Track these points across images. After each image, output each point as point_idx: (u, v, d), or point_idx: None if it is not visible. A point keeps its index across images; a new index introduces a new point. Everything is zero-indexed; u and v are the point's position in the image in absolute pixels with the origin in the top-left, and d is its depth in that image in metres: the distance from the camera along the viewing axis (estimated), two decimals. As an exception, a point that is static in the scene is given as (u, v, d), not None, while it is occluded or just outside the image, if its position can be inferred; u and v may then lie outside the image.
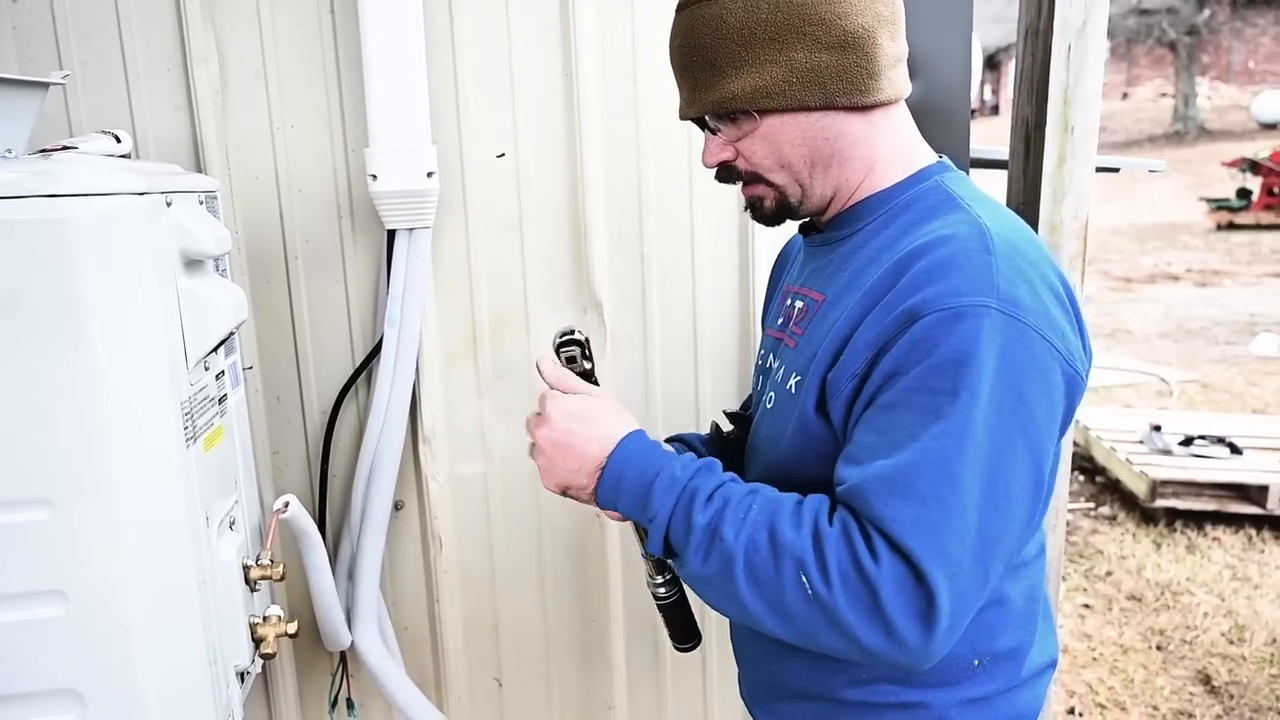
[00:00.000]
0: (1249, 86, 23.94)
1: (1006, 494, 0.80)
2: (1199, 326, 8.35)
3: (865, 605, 0.78)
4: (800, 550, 0.81)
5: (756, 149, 0.93)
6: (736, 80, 0.89)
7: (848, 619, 0.78)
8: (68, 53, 1.44)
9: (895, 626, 0.77)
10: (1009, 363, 0.79)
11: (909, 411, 0.80)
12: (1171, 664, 3.05)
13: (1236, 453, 4.33)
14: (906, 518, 0.78)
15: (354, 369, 1.59)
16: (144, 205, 0.96)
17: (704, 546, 0.85)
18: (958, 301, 0.80)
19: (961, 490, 0.78)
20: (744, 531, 0.84)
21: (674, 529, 0.88)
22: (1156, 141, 22.21)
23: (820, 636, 0.81)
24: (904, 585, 0.77)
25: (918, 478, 0.78)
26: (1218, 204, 15.22)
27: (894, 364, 0.82)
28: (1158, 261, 12.36)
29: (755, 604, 0.83)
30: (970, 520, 0.78)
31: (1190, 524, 4.08)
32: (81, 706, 0.97)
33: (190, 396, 1.03)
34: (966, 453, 0.78)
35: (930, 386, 0.79)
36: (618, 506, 0.93)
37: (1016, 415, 0.80)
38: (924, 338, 0.80)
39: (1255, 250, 12.81)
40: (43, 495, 0.92)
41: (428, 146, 1.47)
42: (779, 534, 0.82)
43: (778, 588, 0.81)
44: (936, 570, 0.77)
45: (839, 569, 0.79)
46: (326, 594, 1.46)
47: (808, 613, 0.80)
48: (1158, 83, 25.12)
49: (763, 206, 0.98)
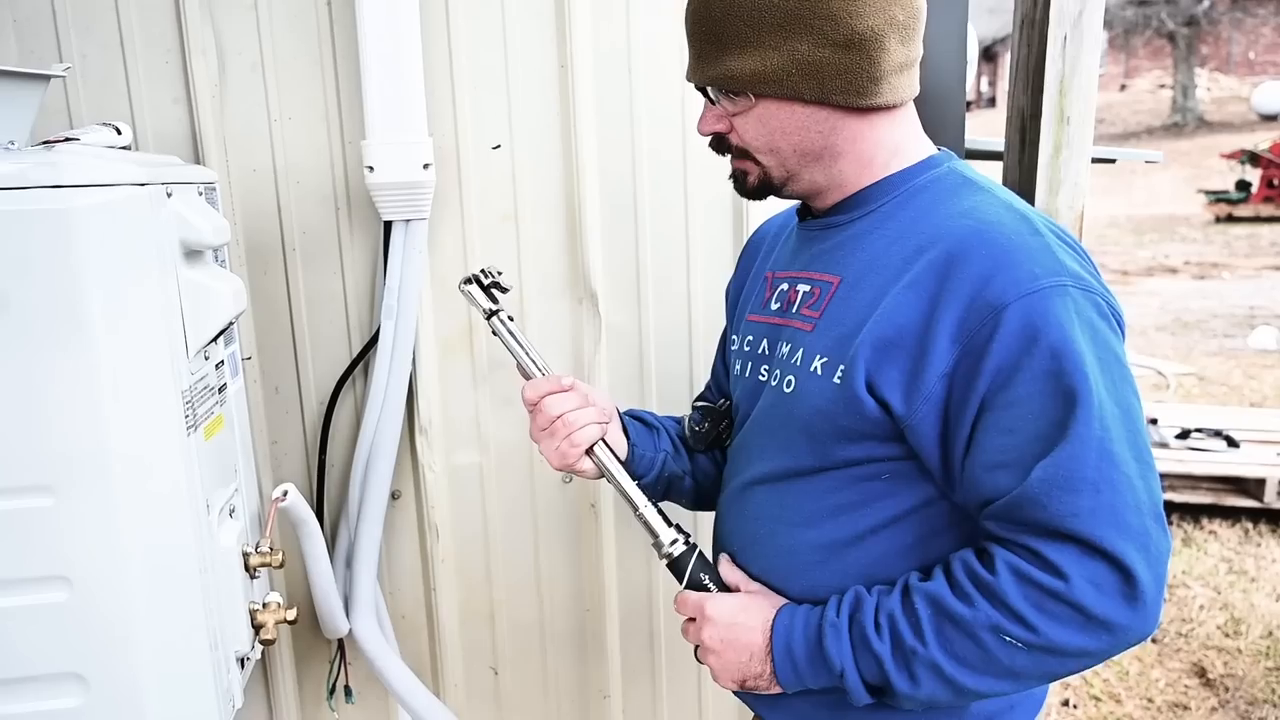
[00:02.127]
0: (1249, 78, 23.86)
1: (1147, 448, 0.83)
2: (1197, 319, 8.35)
3: (1077, 622, 0.79)
4: (986, 619, 0.81)
5: (749, 128, 0.94)
6: (738, 60, 0.90)
7: (1068, 644, 0.80)
8: (68, 46, 1.45)
9: (1112, 622, 0.79)
10: (1097, 331, 0.82)
11: (1037, 402, 0.81)
12: (1167, 657, 3.05)
13: (1233, 446, 4.32)
14: (1085, 509, 0.79)
15: (351, 359, 1.60)
16: (145, 196, 0.97)
17: (904, 670, 0.85)
18: (1037, 285, 0.82)
19: (1122, 464, 0.80)
20: (928, 634, 0.84)
21: (865, 670, 0.87)
22: (1155, 133, 22.15)
23: (1058, 670, 0.83)
24: (1101, 582, 0.78)
25: (1084, 467, 0.79)
26: (1217, 196, 15.17)
27: (999, 359, 0.82)
28: (1155, 254, 12.34)
29: (986, 685, 0.84)
30: (1137, 487, 0.80)
31: (1187, 517, 4.08)
32: (85, 690, 0.98)
33: (190, 385, 1.04)
34: (1111, 428, 0.80)
35: (1048, 372, 0.80)
36: (805, 680, 0.92)
37: (1122, 376, 0.83)
38: (1020, 327, 0.81)
39: (1254, 243, 12.79)
40: (46, 482, 0.94)
41: (424, 138, 1.48)
42: (959, 617, 0.83)
43: (993, 661, 0.82)
44: (1127, 547, 0.78)
45: (1033, 608, 0.80)
46: (325, 582, 1.47)
47: (1033, 662, 0.81)
48: (1156, 74, 25.05)
49: (746, 180, 1.00)
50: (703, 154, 1.61)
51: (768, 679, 0.93)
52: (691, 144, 1.61)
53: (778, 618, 0.93)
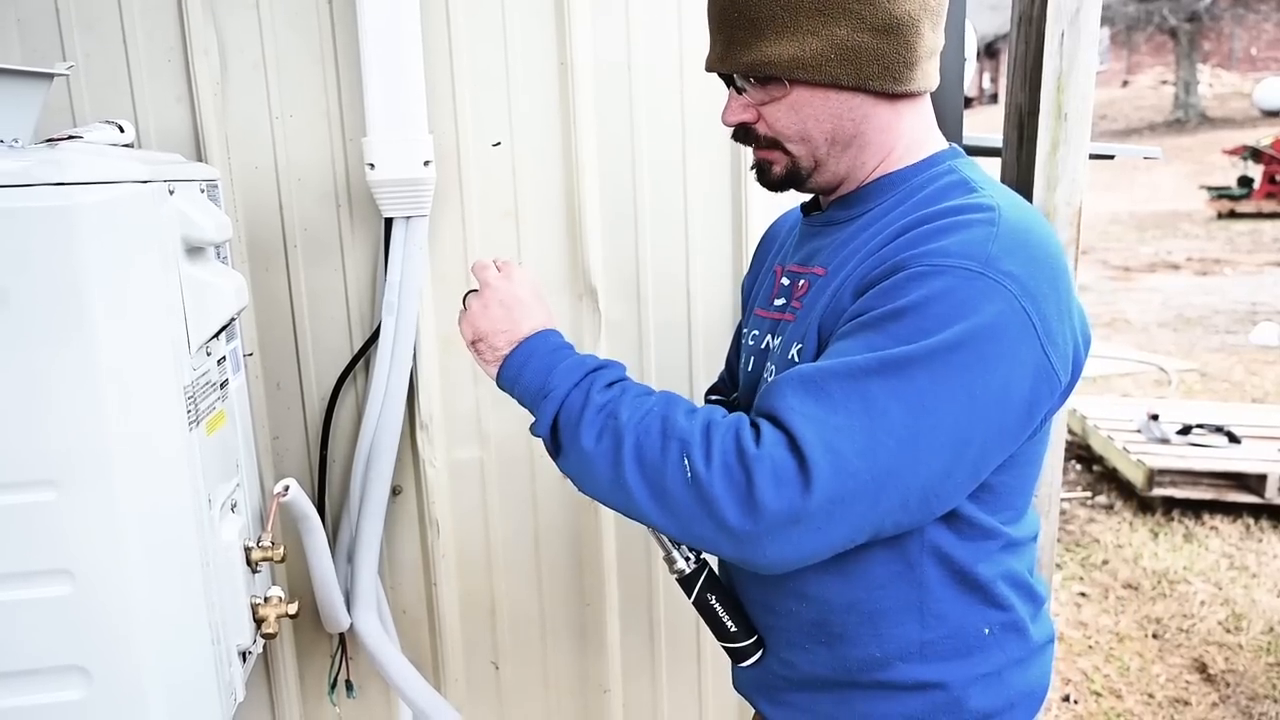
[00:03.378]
0: (1251, 74, 23.79)
1: (930, 439, 0.78)
2: (1198, 315, 8.33)
3: (739, 485, 0.78)
4: (688, 434, 0.81)
5: (780, 116, 0.93)
6: (775, 45, 0.88)
7: (719, 499, 0.78)
8: (70, 44, 1.46)
9: (760, 504, 0.77)
10: (971, 320, 0.79)
11: (852, 341, 0.82)
12: (1168, 652, 3.05)
13: (1235, 441, 4.31)
14: (808, 413, 0.78)
15: (352, 356, 1.61)
16: (148, 193, 0.98)
17: (597, 424, 0.86)
18: (941, 260, 0.81)
19: (873, 410, 0.78)
20: (639, 415, 0.85)
21: (569, 405, 0.89)
22: (1157, 129, 22.09)
23: (694, 524, 0.81)
24: (780, 469, 0.77)
25: (832, 382, 0.79)
26: (1218, 192, 15.12)
27: (862, 304, 0.84)
28: (1157, 250, 12.32)
29: (638, 486, 0.83)
30: (877, 443, 0.77)
31: (1188, 513, 4.08)
32: (88, 683, 0.99)
33: (193, 381, 1.05)
34: (893, 381, 0.78)
35: (881, 327, 0.80)
36: (519, 379, 0.94)
37: (967, 370, 0.79)
38: (897, 285, 0.81)
39: (1256, 239, 12.76)
40: (48, 476, 0.94)
41: (424, 135, 1.48)
42: (671, 420, 0.83)
43: (661, 469, 0.81)
44: (821, 461, 0.76)
45: (721, 452, 0.79)
46: (326, 576, 1.48)
47: (685, 496, 0.80)
48: (1158, 70, 24.98)
49: (771, 171, 0.97)
50: (702, 150, 1.63)
51: (495, 357, 0.98)
52: (691, 140, 1.62)
53: (549, 330, 0.97)
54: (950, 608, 0.94)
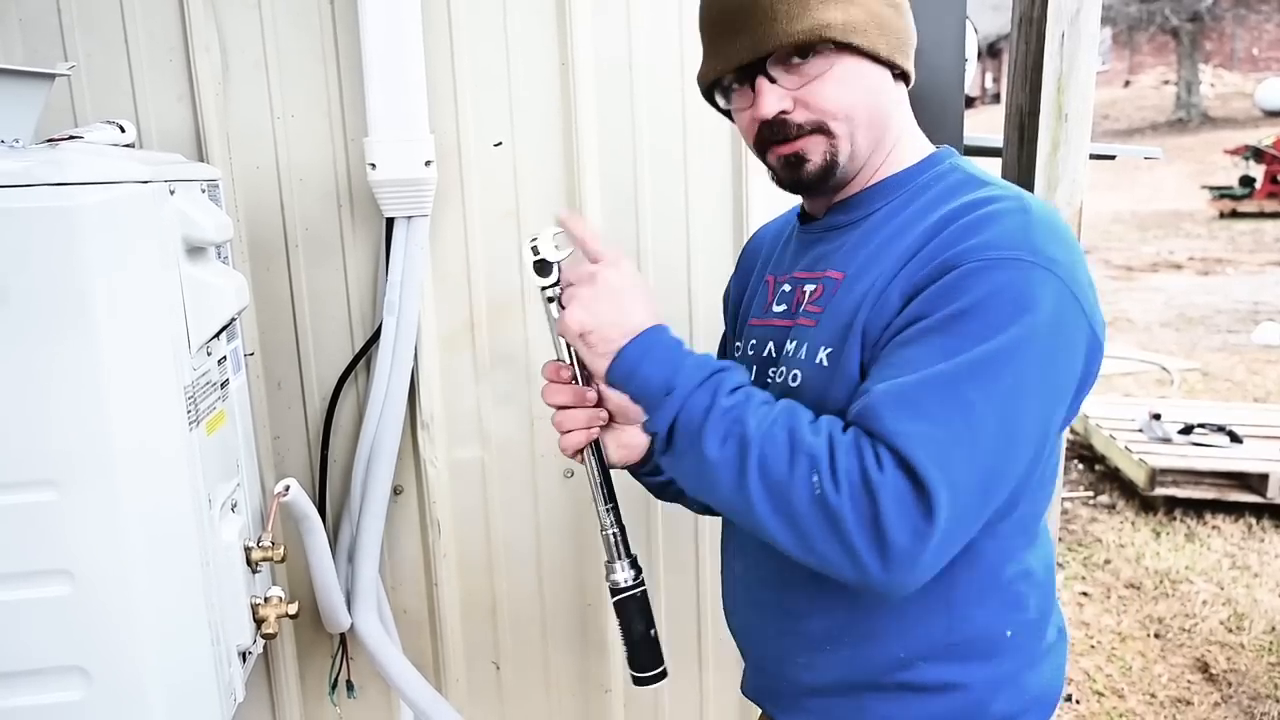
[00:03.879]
0: (1253, 74, 23.75)
1: (1020, 433, 0.80)
2: (1200, 315, 8.32)
3: (865, 513, 0.77)
4: (816, 450, 0.79)
5: (827, 91, 0.91)
6: (826, 11, 0.88)
7: (848, 524, 0.77)
8: (72, 44, 1.46)
9: (889, 537, 0.76)
10: (1037, 311, 0.80)
11: (924, 347, 0.81)
12: (1170, 652, 3.05)
13: (1237, 441, 4.31)
14: (914, 432, 0.77)
15: (353, 355, 1.61)
16: (148, 193, 0.98)
17: (721, 429, 0.83)
18: (993, 253, 0.81)
19: (973, 416, 0.78)
20: (765, 425, 0.82)
21: (692, 406, 0.85)
22: (1159, 129, 22.07)
23: (817, 543, 0.79)
24: (904, 498, 0.76)
25: (926, 396, 0.78)
26: (1220, 192, 15.12)
27: (919, 308, 0.83)
28: (1160, 249, 12.31)
29: (760, 499, 0.81)
30: (980, 448, 0.78)
31: (1189, 512, 4.07)
32: (88, 683, 0.99)
33: (193, 381, 1.05)
34: (981, 381, 0.78)
35: (951, 329, 0.80)
36: (636, 372, 0.89)
37: (1039, 361, 0.80)
38: (954, 284, 0.81)
39: (1258, 238, 12.75)
40: (49, 476, 0.94)
41: (425, 135, 1.48)
42: (798, 434, 0.81)
43: (788, 484, 0.80)
44: (940, 486, 0.76)
45: (848, 474, 0.78)
46: (326, 577, 1.48)
47: (811, 514, 0.79)
48: (1160, 70, 24.95)
49: (807, 163, 0.93)
50: (704, 149, 1.63)
51: (607, 350, 0.90)
52: (692, 140, 1.62)
53: (663, 326, 0.92)
54: (976, 609, 0.94)
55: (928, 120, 1.02)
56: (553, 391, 1.01)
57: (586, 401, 1.01)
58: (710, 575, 1.78)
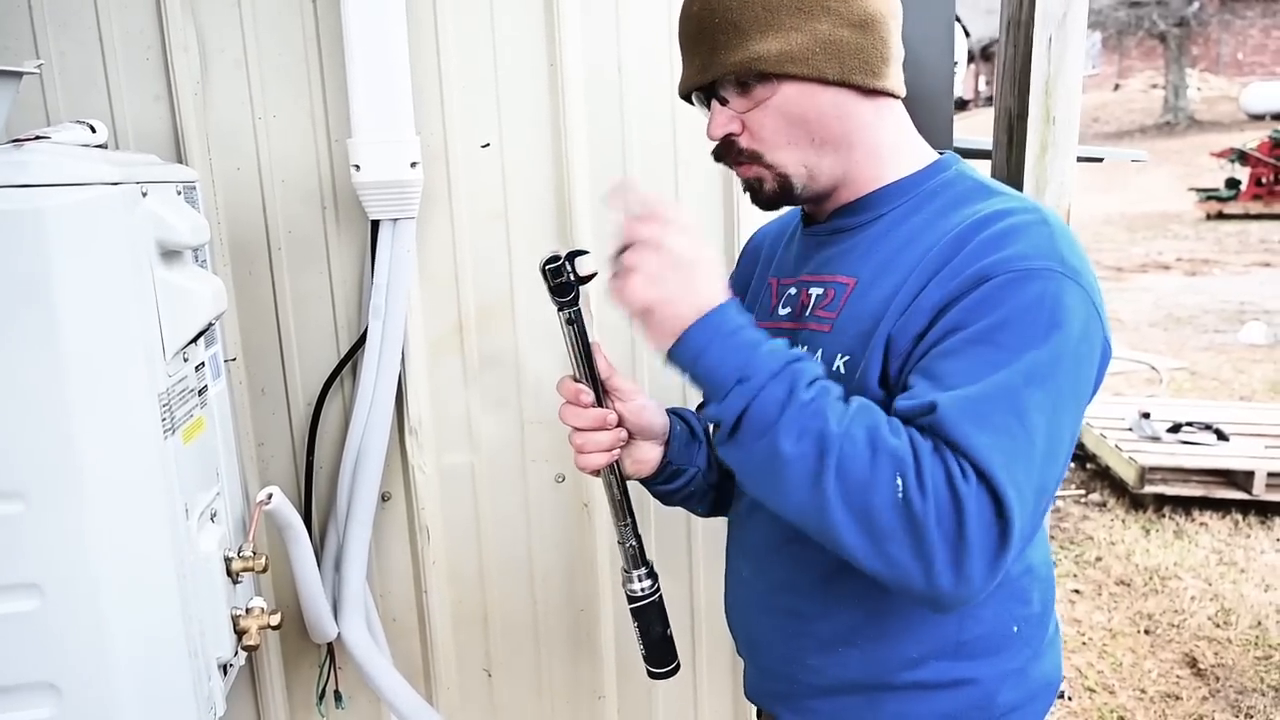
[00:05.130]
0: (1238, 78, 23.98)
1: (1063, 443, 0.81)
2: (1188, 315, 8.39)
3: (950, 524, 0.75)
4: (901, 454, 0.77)
5: (767, 121, 0.92)
6: (762, 42, 0.89)
7: (930, 533, 0.75)
8: (44, 42, 1.43)
9: (969, 551, 0.74)
10: (1069, 323, 0.81)
11: (966, 359, 0.80)
12: (1159, 648, 3.07)
13: (1223, 439, 4.35)
14: (989, 444, 0.76)
15: (339, 360, 1.58)
16: (118, 195, 0.95)
17: (800, 425, 0.79)
18: (1026, 264, 0.81)
19: (1029, 426, 0.78)
20: (845, 423, 0.79)
21: (768, 397, 0.80)
22: (1148, 132, 22.25)
23: (892, 547, 0.76)
24: (985, 512, 0.75)
25: (989, 407, 0.77)
26: (1207, 194, 15.27)
27: (956, 319, 0.82)
28: (1148, 251, 12.41)
29: (835, 498, 0.77)
30: (1036, 459, 0.78)
31: (1178, 510, 4.10)
32: (58, 700, 0.96)
33: (168, 388, 1.02)
34: (1034, 391, 0.79)
35: (994, 339, 0.80)
36: (704, 355, 0.83)
37: (1072, 372, 0.81)
38: (991, 295, 0.81)
39: (1244, 239, 12.87)
40: (17, 488, 0.92)
41: (411, 137, 1.46)
42: (879, 435, 0.78)
43: (868, 486, 0.76)
44: (1014, 502, 0.75)
45: (933, 482, 0.75)
46: (312, 586, 1.46)
47: (891, 517, 0.76)
48: (1149, 74, 25.14)
49: (762, 189, 0.96)
50: (693, 150, 1.61)
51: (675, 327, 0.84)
52: (681, 140, 1.60)
53: (734, 299, 0.86)
54: (985, 607, 0.94)
55: (917, 123, 1.01)
56: (573, 414, 1.00)
57: (608, 425, 1.00)
58: (704, 578, 1.76)
